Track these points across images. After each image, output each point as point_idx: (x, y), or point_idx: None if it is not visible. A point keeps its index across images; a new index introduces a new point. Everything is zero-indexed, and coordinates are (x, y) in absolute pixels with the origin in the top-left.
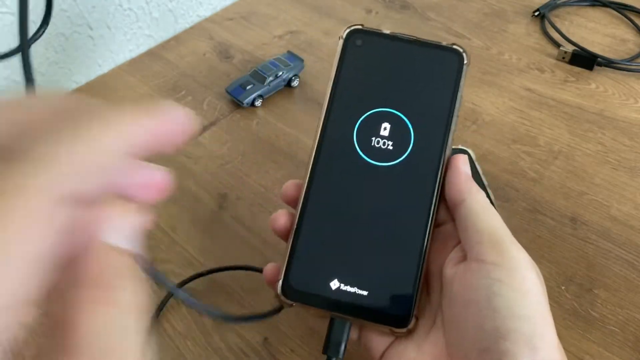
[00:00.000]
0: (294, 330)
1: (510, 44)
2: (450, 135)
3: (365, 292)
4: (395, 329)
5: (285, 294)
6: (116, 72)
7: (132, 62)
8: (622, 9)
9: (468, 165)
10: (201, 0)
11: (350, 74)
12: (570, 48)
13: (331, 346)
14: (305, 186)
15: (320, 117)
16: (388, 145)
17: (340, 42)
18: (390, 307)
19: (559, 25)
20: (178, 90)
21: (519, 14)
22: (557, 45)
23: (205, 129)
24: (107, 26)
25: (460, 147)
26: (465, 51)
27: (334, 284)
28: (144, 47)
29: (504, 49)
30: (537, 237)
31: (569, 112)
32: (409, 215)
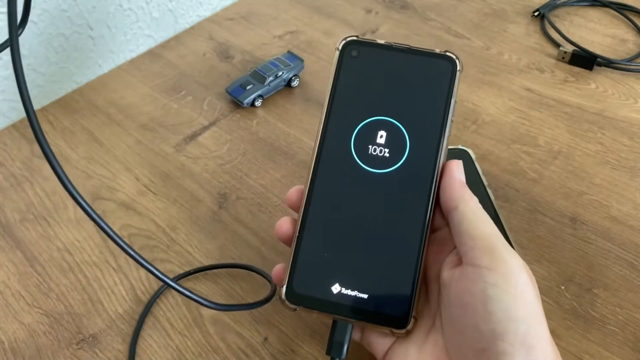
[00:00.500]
0: (294, 330)
1: (510, 44)
2: (445, 140)
3: (365, 295)
4: (395, 330)
5: (289, 298)
6: (116, 72)
7: (132, 62)
8: (622, 9)
9: (462, 171)
10: (201, 0)
11: (347, 84)
12: (570, 48)
13: (334, 347)
14: (306, 194)
15: (319, 126)
16: (385, 152)
17: (337, 53)
18: (389, 309)
19: (558, 25)
20: (178, 90)
21: (519, 14)
22: (557, 45)
23: (205, 129)
24: (107, 26)
25: (460, 147)
26: (458, 58)
27: (336, 288)
28: (144, 47)
29: (504, 49)
30: (537, 237)
31: (569, 112)
32: (406, 221)
